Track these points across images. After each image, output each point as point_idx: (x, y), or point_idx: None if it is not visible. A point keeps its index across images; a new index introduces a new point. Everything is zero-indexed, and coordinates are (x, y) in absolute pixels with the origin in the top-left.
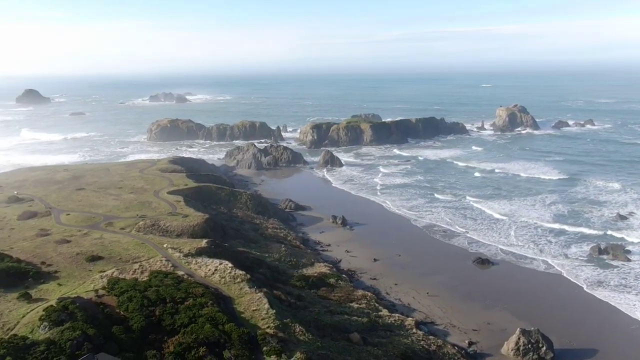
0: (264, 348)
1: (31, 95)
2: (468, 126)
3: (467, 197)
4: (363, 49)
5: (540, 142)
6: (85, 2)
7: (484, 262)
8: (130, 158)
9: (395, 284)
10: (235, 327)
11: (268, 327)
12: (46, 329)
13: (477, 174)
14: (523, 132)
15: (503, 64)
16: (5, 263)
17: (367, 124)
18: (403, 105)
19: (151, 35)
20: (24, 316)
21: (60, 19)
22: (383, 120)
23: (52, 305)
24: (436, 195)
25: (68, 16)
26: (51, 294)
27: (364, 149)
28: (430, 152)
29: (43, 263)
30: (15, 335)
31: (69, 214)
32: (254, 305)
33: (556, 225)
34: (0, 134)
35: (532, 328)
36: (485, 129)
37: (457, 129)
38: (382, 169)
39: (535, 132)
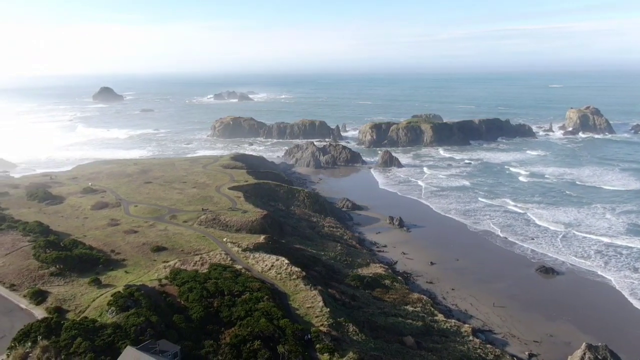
0: (317, 345)
1: (106, 93)
2: (535, 128)
3: (530, 204)
4: (425, 48)
5: (615, 147)
6: (155, 5)
7: (547, 271)
8: (195, 154)
9: (452, 289)
10: (289, 323)
11: (322, 325)
12: (113, 313)
13: (541, 180)
14: (596, 136)
15: (575, 63)
16: (79, 250)
17: (427, 124)
18: (466, 106)
19: (217, 35)
20: (94, 300)
21: (134, 21)
22: (444, 121)
23: (119, 292)
24: (496, 200)
25: (140, 18)
26: (119, 280)
27: (424, 150)
28: (492, 155)
29: (112, 251)
30: (86, 317)
31: (137, 206)
32: (309, 302)
33: (628, 237)
34: (75, 129)
35: (600, 343)
36: (553, 132)
37: (522, 131)
38: (441, 172)
39: (610, 136)
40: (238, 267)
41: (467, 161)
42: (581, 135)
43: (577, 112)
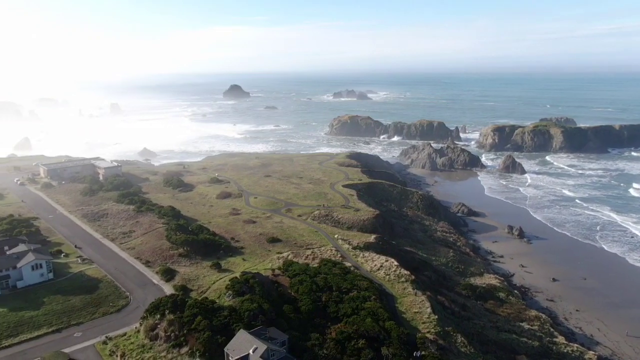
0: (422, 352)
1: (235, 90)
2: None
3: None
4: (559, 45)
5: None
6: (280, 7)
7: None
8: (312, 150)
9: (577, 310)
10: (395, 326)
11: (428, 332)
12: (230, 297)
13: None
14: None
15: None
16: (204, 235)
17: (558, 128)
18: (606, 109)
19: (338, 35)
20: (214, 283)
21: (261, 22)
22: (578, 126)
23: (236, 277)
24: (633, 217)
25: (267, 19)
26: (236, 266)
27: (552, 157)
28: (633, 165)
29: (232, 239)
30: (206, 298)
31: (256, 198)
32: (416, 307)
33: None
34: (206, 123)
35: None
36: None
37: None
38: (567, 180)
39: None
40: (347, 264)
41: (604, 171)
42: None
43: None
